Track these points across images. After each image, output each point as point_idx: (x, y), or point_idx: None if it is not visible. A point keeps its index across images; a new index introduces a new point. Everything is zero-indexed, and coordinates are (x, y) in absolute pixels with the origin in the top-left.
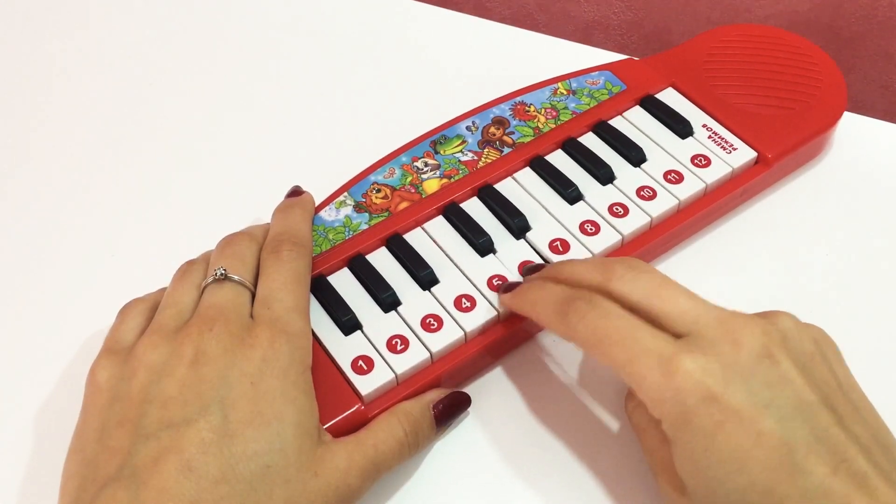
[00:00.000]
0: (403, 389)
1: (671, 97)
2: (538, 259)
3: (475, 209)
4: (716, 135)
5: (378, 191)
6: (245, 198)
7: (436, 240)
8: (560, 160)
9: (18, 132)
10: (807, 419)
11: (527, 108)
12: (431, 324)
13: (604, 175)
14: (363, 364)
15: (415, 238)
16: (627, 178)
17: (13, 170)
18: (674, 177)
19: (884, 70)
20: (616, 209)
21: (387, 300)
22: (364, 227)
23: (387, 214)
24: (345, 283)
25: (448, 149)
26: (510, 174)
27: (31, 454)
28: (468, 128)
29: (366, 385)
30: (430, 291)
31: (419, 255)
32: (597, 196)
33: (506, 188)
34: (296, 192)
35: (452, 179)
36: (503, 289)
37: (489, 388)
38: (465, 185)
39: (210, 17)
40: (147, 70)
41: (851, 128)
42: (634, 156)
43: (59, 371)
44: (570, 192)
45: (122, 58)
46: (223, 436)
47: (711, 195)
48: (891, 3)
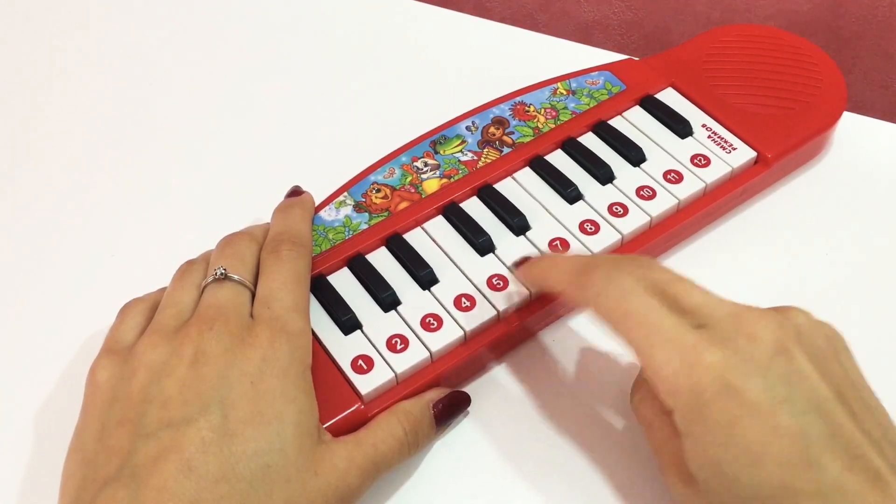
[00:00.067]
0: (403, 389)
1: (671, 97)
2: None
3: (475, 209)
4: (715, 135)
5: (378, 191)
6: (245, 198)
7: (435, 239)
8: (560, 160)
9: (18, 132)
10: (822, 414)
11: (526, 108)
12: (431, 323)
13: (603, 175)
14: (363, 363)
15: (414, 238)
16: (627, 178)
17: (13, 170)
18: (673, 176)
19: (884, 70)
20: (616, 209)
21: (387, 300)
22: (364, 227)
23: (387, 214)
24: (345, 283)
25: (448, 149)
26: (510, 174)
27: (31, 454)
28: (468, 128)
29: (365, 384)
30: (430, 291)
31: (419, 255)
32: (596, 196)
33: (505, 188)
34: (296, 192)
35: (452, 179)
36: (516, 264)
37: (489, 388)
38: (465, 185)
39: (210, 18)
40: (147, 70)
41: (851, 128)
42: (634, 156)
43: (59, 371)
44: (570, 192)
45: (122, 58)
46: (223, 435)
47: (711, 195)
48: (891, 3)
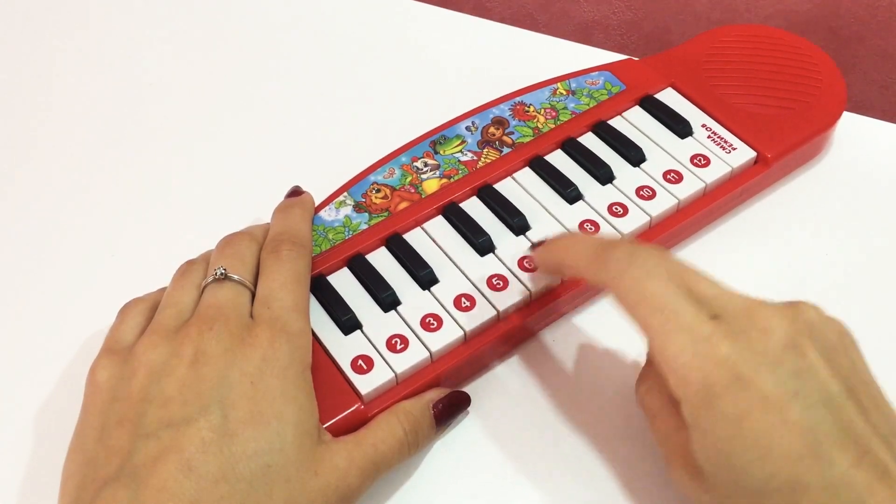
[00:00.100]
0: (403, 389)
1: (671, 97)
2: None
3: (475, 209)
4: (715, 135)
5: (378, 191)
6: (245, 198)
7: (435, 239)
8: (559, 160)
9: (18, 132)
10: (832, 410)
11: (526, 109)
12: (431, 323)
13: (603, 175)
14: (363, 363)
15: (414, 238)
16: (627, 178)
17: (13, 170)
18: (673, 177)
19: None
20: (615, 209)
21: (386, 300)
22: (364, 227)
23: (386, 214)
24: (345, 283)
25: (448, 149)
26: (510, 174)
27: (31, 454)
28: (468, 128)
29: (365, 384)
30: (430, 291)
31: (419, 255)
32: (596, 196)
33: (505, 188)
34: (296, 192)
35: (452, 179)
36: (532, 247)
37: (489, 388)
38: (465, 185)
39: (210, 18)
40: (147, 70)
41: (851, 128)
42: (634, 156)
43: (59, 371)
44: (570, 192)
45: (122, 58)
46: (223, 435)
47: (711, 195)
48: (891, 3)
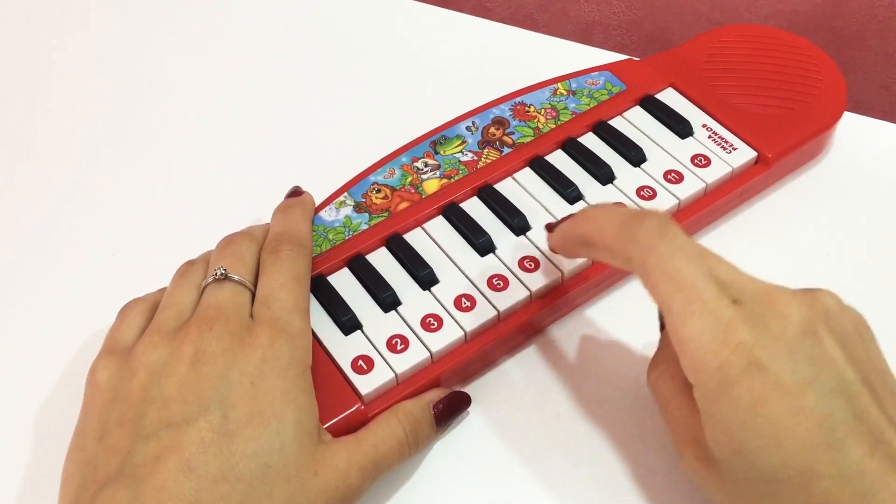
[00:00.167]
0: (403, 389)
1: (671, 97)
2: (539, 258)
3: (475, 209)
4: (716, 135)
5: (378, 191)
6: (245, 198)
7: (436, 240)
8: (560, 160)
9: (18, 132)
10: (847, 398)
11: (527, 109)
12: (431, 323)
13: (604, 175)
14: (363, 364)
15: (415, 238)
16: (627, 178)
17: (13, 170)
18: (674, 177)
19: (884, 70)
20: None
21: (387, 300)
22: (364, 228)
23: (387, 214)
24: (345, 283)
25: (448, 149)
26: (510, 174)
27: (31, 454)
28: (468, 128)
29: (366, 385)
30: (430, 291)
31: (419, 255)
32: (597, 196)
33: (506, 188)
34: (296, 193)
35: (452, 179)
36: (550, 227)
37: (489, 388)
38: (465, 186)
39: (210, 18)
40: (147, 70)
41: (851, 128)
42: (634, 156)
43: (59, 371)
44: (570, 192)
45: (122, 58)
46: (223, 435)
47: (711, 195)
48: (891, 3)
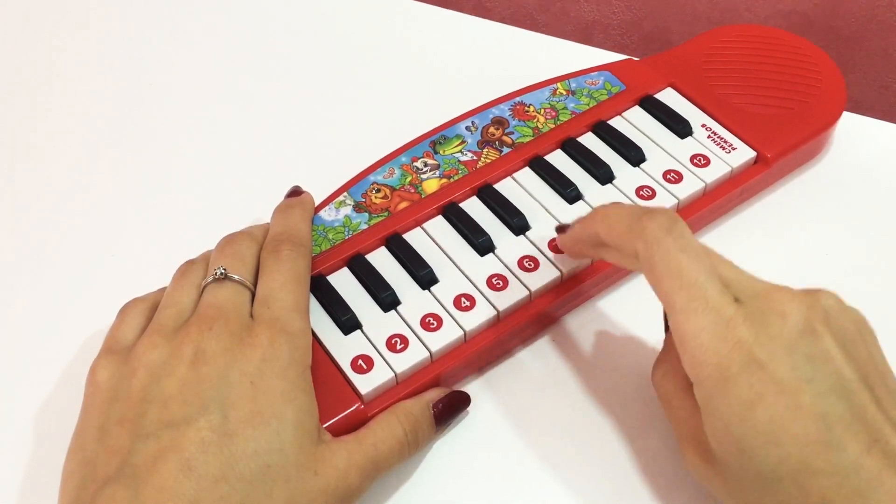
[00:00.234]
0: (403, 389)
1: (670, 97)
2: (538, 258)
3: (475, 209)
4: (715, 135)
5: (378, 191)
6: (245, 198)
7: (435, 239)
8: (559, 160)
9: (18, 132)
10: (845, 396)
11: (526, 109)
12: (431, 323)
13: (603, 175)
14: (363, 363)
15: (414, 238)
16: (627, 178)
17: (13, 170)
18: (673, 176)
19: (883, 70)
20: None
21: (386, 300)
22: (364, 227)
23: (386, 214)
24: (344, 283)
25: (447, 149)
26: (509, 174)
27: (31, 454)
28: (468, 128)
29: (365, 384)
30: (430, 291)
31: (419, 255)
32: (596, 196)
33: (505, 188)
34: (296, 192)
35: (452, 179)
36: (560, 228)
37: (489, 388)
38: (465, 185)
39: (210, 18)
40: (147, 70)
41: (851, 128)
42: (634, 156)
43: (59, 371)
44: (570, 192)
45: (122, 58)
46: (223, 435)
47: (711, 195)
48: (890, 3)
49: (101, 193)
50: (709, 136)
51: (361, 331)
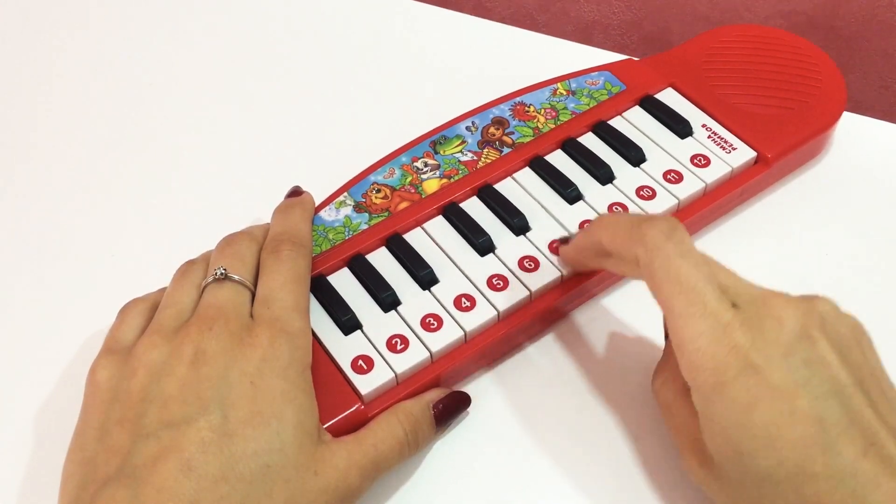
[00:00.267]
0: (403, 389)
1: (671, 97)
2: (539, 258)
3: (475, 209)
4: (715, 135)
5: (378, 191)
6: (245, 198)
7: (435, 239)
8: (560, 160)
9: (18, 132)
10: (841, 400)
11: (526, 109)
12: (431, 323)
13: (603, 175)
14: (363, 363)
15: (415, 238)
16: (627, 178)
17: (13, 170)
18: (673, 177)
19: (883, 70)
20: (616, 209)
21: (387, 300)
22: (364, 227)
23: (387, 214)
24: (345, 283)
25: (448, 149)
26: (510, 174)
27: (31, 454)
28: (468, 128)
29: (366, 384)
30: (430, 291)
31: (419, 255)
32: (596, 196)
33: (505, 188)
34: (296, 192)
35: (452, 179)
36: (562, 241)
37: (489, 388)
38: (465, 185)
39: (210, 18)
40: (147, 70)
41: (851, 128)
42: (634, 156)
43: (59, 371)
44: (570, 192)
45: (122, 58)
46: (223, 435)
47: (711, 195)
48: (890, 3)
49: (101, 193)
50: (709, 137)
51: (362, 331)
